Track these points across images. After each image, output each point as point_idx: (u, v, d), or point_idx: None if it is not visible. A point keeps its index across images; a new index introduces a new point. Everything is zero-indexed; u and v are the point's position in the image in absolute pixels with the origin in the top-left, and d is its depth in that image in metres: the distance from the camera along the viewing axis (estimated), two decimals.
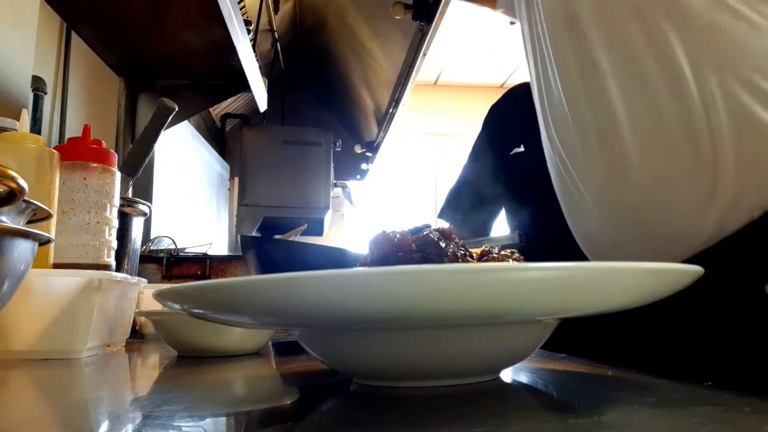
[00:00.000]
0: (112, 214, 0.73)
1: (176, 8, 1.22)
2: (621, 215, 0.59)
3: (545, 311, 0.33)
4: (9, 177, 0.33)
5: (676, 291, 0.35)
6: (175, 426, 0.29)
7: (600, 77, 0.56)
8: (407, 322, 0.32)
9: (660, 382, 0.38)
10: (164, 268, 1.41)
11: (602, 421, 0.26)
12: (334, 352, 0.38)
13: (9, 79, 0.94)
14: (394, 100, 2.24)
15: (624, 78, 0.55)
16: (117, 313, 0.68)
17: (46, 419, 0.33)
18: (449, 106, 4.73)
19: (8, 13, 0.94)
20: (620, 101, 0.55)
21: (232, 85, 1.63)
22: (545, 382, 0.42)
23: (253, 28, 1.92)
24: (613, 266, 0.30)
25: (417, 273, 0.28)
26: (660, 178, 0.54)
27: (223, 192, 2.76)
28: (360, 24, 2.19)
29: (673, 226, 0.55)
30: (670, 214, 0.55)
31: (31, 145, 0.61)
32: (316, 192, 2.56)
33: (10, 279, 0.36)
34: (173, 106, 1.02)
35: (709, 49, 0.51)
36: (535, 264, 0.28)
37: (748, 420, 0.27)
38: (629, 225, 0.58)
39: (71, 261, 0.68)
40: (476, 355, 0.35)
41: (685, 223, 0.54)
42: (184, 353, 0.63)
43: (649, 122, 0.54)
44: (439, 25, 1.56)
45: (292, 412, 0.34)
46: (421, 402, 0.33)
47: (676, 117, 0.52)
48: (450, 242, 0.41)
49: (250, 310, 0.33)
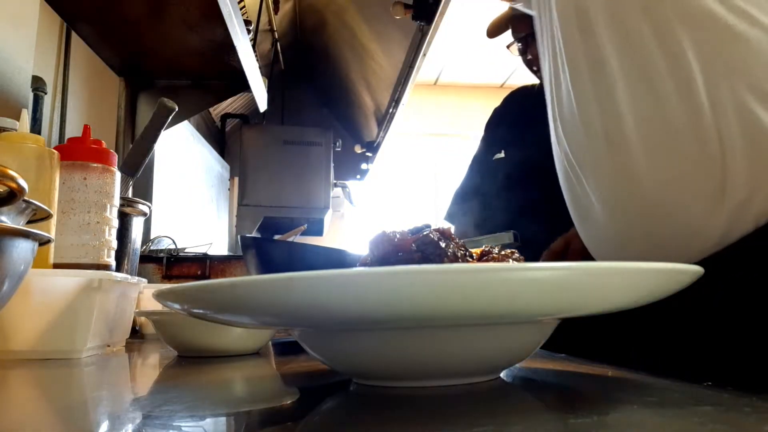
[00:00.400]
0: (112, 214, 0.73)
1: (176, 8, 1.22)
2: (626, 217, 0.58)
3: (545, 311, 0.33)
4: (9, 177, 0.33)
5: (676, 291, 0.35)
6: (175, 426, 0.29)
7: (609, 78, 0.55)
8: (407, 322, 0.32)
9: (660, 382, 0.38)
10: (164, 268, 1.41)
11: (602, 421, 0.26)
12: (334, 352, 0.38)
13: (9, 79, 0.94)
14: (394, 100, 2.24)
15: (633, 79, 0.54)
16: (117, 313, 0.68)
17: (46, 419, 0.33)
18: (449, 106, 4.73)
19: (8, 13, 0.94)
20: (628, 103, 0.55)
21: (232, 85, 1.63)
22: (545, 382, 0.42)
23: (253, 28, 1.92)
24: (613, 266, 0.30)
25: (417, 273, 0.28)
26: (666, 181, 0.54)
27: (223, 192, 2.76)
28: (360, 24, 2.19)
29: (678, 230, 0.55)
30: (676, 218, 0.55)
31: (31, 145, 0.61)
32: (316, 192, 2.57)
33: (10, 279, 0.36)
34: (173, 106, 1.02)
35: (721, 53, 0.51)
36: (535, 264, 0.28)
37: (748, 420, 0.27)
38: (634, 228, 0.58)
39: (71, 261, 0.68)
40: (476, 355, 0.35)
41: (691, 228, 0.54)
42: (184, 353, 0.63)
43: (656, 125, 0.54)
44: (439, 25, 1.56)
45: (292, 412, 0.34)
46: (421, 402, 0.33)
47: (684, 121, 0.52)
48: (450, 242, 0.41)
49: (250, 310, 0.33)
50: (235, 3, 1.29)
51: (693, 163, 0.52)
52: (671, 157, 0.53)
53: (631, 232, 0.59)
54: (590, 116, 0.58)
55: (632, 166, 0.56)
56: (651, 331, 0.64)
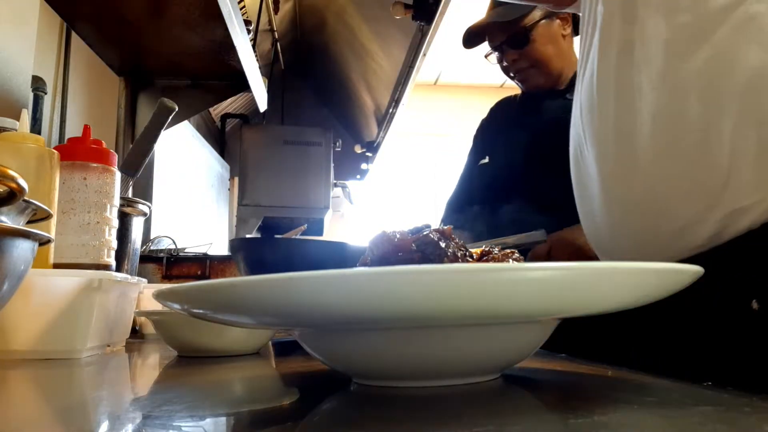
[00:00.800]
0: (112, 214, 0.73)
1: (176, 8, 1.22)
2: (622, 209, 0.59)
3: (545, 311, 0.33)
4: (9, 177, 0.33)
5: (676, 291, 0.35)
6: (175, 426, 0.29)
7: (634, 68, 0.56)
8: (407, 322, 0.32)
9: (660, 382, 0.38)
10: (164, 268, 1.41)
11: (602, 421, 0.26)
12: (334, 352, 0.38)
13: (9, 79, 0.94)
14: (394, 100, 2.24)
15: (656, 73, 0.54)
16: (117, 313, 0.68)
17: (46, 419, 0.33)
18: (449, 106, 4.73)
19: (8, 13, 0.94)
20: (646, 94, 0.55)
21: (232, 85, 1.63)
22: (545, 382, 0.42)
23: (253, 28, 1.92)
24: (613, 266, 0.30)
25: (417, 273, 0.28)
26: (666, 178, 0.54)
27: (223, 192, 2.76)
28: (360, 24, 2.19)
29: (671, 226, 0.55)
30: (671, 214, 0.55)
31: (31, 145, 0.61)
32: (316, 192, 2.56)
33: (10, 279, 0.36)
34: (173, 106, 1.02)
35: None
36: (535, 264, 0.28)
37: (748, 420, 0.27)
38: (628, 220, 0.59)
39: (71, 261, 0.68)
40: (476, 355, 0.35)
41: (684, 225, 0.54)
42: (184, 353, 0.63)
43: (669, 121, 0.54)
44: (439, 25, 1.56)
45: (292, 412, 0.34)
46: (421, 402, 0.33)
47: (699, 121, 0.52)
48: (450, 242, 0.41)
49: (250, 310, 0.33)
50: (235, 3, 1.29)
51: (697, 164, 0.52)
52: (676, 154, 0.53)
53: (625, 224, 0.59)
54: (607, 103, 0.59)
55: (636, 158, 0.56)
56: (651, 331, 0.64)
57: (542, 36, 1.19)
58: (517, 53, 1.20)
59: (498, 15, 1.19)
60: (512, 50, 1.20)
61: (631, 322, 0.65)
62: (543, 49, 1.19)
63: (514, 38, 1.19)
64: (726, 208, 0.51)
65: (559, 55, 1.21)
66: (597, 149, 0.61)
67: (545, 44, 1.19)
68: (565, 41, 1.22)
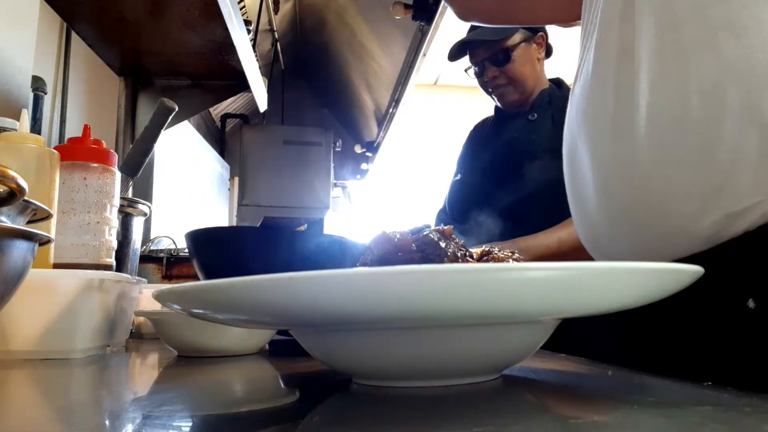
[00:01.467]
0: (112, 214, 0.73)
1: (176, 8, 1.22)
2: (618, 208, 0.59)
3: (545, 311, 0.33)
4: (9, 177, 0.33)
5: (676, 291, 0.35)
6: (175, 426, 0.29)
7: (635, 66, 0.56)
8: (407, 322, 0.32)
9: (660, 382, 0.38)
10: (164, 268, 1.41)
11: (602, 421, 0.26)
12: (334, 352, 0.38)
13: (9, 79, 0.94)
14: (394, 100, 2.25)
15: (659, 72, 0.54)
16: (117, 313, 0.68)
17: (45, 419, 0.33)
18: (449, 106, 4.73)
19: (8, 13, 0.94)
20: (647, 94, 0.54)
21: (232, 85, 1.63)
22: (545, 382, 0.42)
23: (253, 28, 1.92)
24: (613, 266, 0.30)
25: (417, 273, 0.28)
26: (667, 178, 0.54)
27: (223, 192, 2.76)
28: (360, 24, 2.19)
29: (666, 227, 0.55)
30: (667, 214, 0.55)
31: (31, 145, 0.61)
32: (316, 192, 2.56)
33: (10, 279, 0.36)
34: (173, 106, 1.02)
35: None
36: (535, 264, 0.28)
37: (748, 420, 0.27)
38: (625, 220, 0.58)
39: (71, 261, 0.68)
40: (476, 355, 0.35)
41: (682, 225, 0.54)
42: (184, 353, 0.63)
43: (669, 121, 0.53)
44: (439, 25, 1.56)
45: (292, 412, 0.34)
46: (421, 402, 0.33)
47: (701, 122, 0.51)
48: (450, 242, 0.41)
49: (250, 310, 0.33)
50: (235, 3, 1.29)
51: (696, 164, 0.52)
52: (676, 154, 0.53)
53: (621, 224, 0.59)
54: (605, 102, 0.59)
55: (633, 158, 0.56)
56: (651, 331, 0.64)
57: (521, 57, 1.33)
58: (498, 70, 1.34)
59: (483, 33, 1.34)
60: (493, 67, 1.34)
61: (631, 322, 0.65)
62: (521, 68, 1.33)
63: (497, 56, 1.33)
64: (724, 210, 0.51)
65: (533, 76, 1.35)
66: (593, 150, 0.61)
67: (523, 64, 1.33)
68: (539, 64, 1.37)
